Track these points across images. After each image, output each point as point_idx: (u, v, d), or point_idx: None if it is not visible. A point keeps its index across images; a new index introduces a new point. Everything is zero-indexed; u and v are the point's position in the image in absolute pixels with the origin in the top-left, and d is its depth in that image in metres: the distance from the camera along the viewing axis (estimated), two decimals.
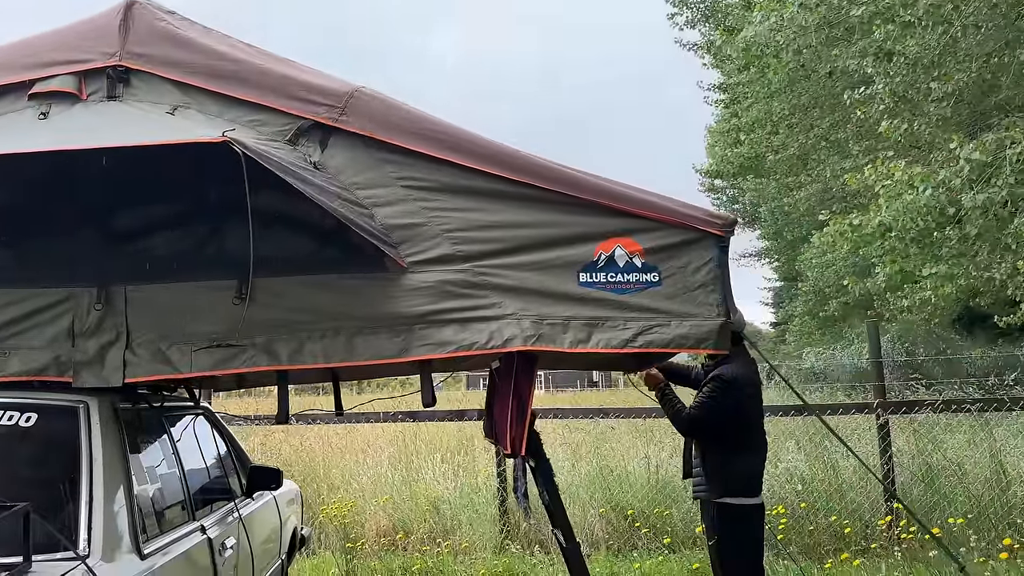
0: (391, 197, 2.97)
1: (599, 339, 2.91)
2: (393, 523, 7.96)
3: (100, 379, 2.80)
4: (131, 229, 3.20)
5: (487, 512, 7.79)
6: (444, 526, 7.84)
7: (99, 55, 2.93)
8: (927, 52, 9.34)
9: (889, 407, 7.09)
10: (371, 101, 3.01)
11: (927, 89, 9.40)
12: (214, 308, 2.83)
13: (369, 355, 2.88)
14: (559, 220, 2.99)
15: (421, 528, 7.78)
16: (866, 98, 10.17)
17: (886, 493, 6.87)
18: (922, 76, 9.68)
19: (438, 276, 2.93)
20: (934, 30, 9.09)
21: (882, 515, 6.89)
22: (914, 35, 9.15)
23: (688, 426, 4.12)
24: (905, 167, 9.04)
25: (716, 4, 16.96)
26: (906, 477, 7.25)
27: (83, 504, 2.49)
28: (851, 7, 8.63)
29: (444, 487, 8.49)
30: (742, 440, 4.08)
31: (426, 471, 8.99)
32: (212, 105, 2.93)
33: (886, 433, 7.02)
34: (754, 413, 4.19)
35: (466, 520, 7.75)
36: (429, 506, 8.02)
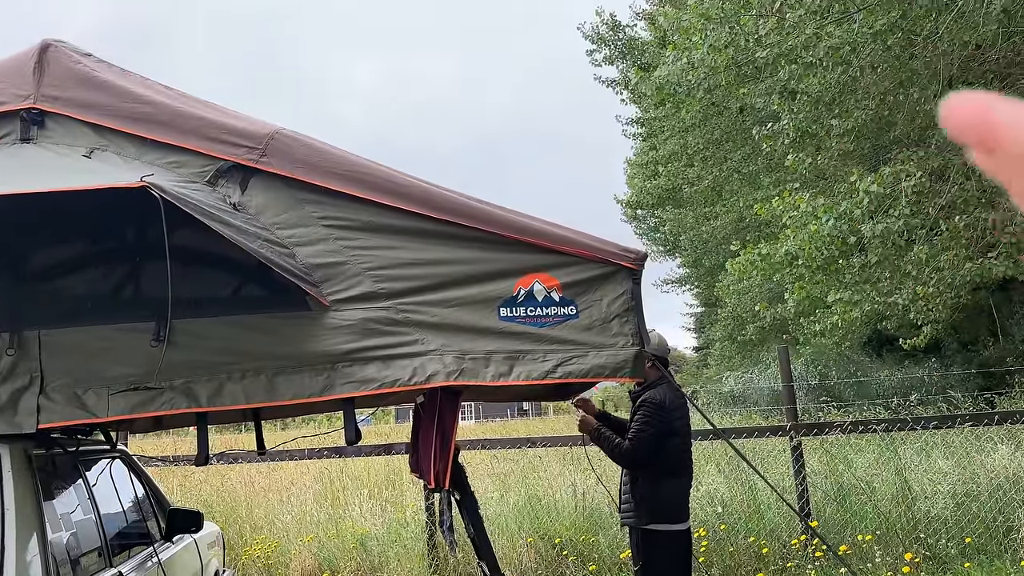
0: (312, 236, 3.01)
1: (520, 371, 3.00)
2: (319, 562, 7.82)
3: (12, 425, 2.73)
4: (46, 272, 3.14)
5: (415, 548, 7.74)
6: (372, 563, 7.75)
7: (12, 97, 2.90)
8: (828, 90, 9.90)
9: (801, 429, 7.38)
10: (291, 142, 3.06)
11: (829, 125, 9.95)
12: (131, 351, 2.80)
13: (291, 394, 2.89)
14: (479, 257, 3.08)
15: (348, 567, 7.68)
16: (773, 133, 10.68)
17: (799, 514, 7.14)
18: (824, 113, 10.24)
19: (360, 314, 2.97)
20: (834, 70, 9.65)
21: (798, 534, 7.15)
22: (816, 74, 9.69)
23: (631, 458, 4.15)
24: (810, 199, 9.54)
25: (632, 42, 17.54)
26: (819, 496, 7.55)
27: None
28: (757, 48, 9.09)
29: (371, 523, 8.40)
30: (671, 466, 4.17)
31: (353, 507, 8.89)
32: (130, 147, 2.93)
33: (799, 454, 7.30)
34: (683, 438, 4.31)
35: (394, 556, 7.68)
36: (356, 543, 7.91)
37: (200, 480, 9.65)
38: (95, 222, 3.03)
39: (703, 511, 7.64)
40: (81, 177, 2.58)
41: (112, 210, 2.87)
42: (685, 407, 4.37)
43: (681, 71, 9.57)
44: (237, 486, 9.78)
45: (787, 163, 9.99)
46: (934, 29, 8.58)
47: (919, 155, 9.61)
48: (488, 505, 8.55)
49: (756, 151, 15.99)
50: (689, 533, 4.39)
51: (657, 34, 17.03)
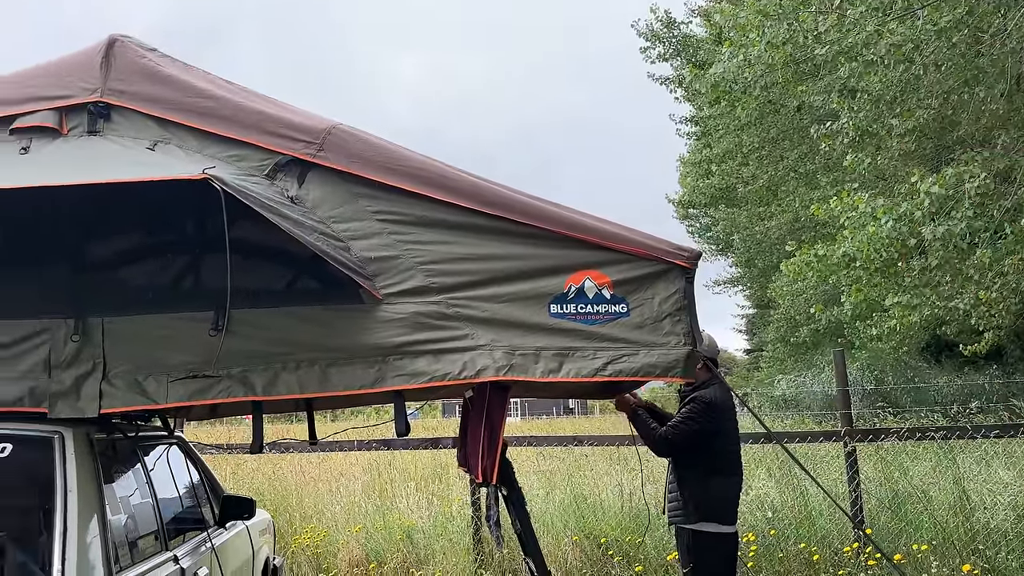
0: (366, 230, 3.04)
1: (570, 368, 2.99)
2: (366, 553, 7.92)
3: (75, 410, 2.82)
4: (110, 262, 3.24)
5: (461, 541, 7.78)
6: (417, 556, 7.81)
7: (80, 91, 2.99)
8: (889, 89, 9.66)
9: (856, 435, 7.20)
10: (347, 137, 3.10)
11: (890, 124, 9.70)
12: (191, 339, 2.87)
13: (343, 386, 2.93)
14: (530, 253, 3.08)
15: (394, 558, 7.75)
16: (831, 132, 10.46)
17: (852, 521, 6.98)
18: (885, 112, 9.99)
19: (412, 308, 3.00)
20: (896, 68, 9.41)
21: (850, 542, 7.00)
22: (877, 72, 9.46)
23: (664, 446, 4.16)
24: (869, 199, 9.31)
25: (687, 39, 17.34)
26: (873, 504, 7.37)
27: (57, 534, 2.50)
28: (816, 46, 8.91)
29: (418, 516, 8.48)
30: (719, 465, 4.15)
31: (400, 500, 8.98)
32: (192, 140, 2.99)
33: (853, 461, 7.14)
34: (732, 438, 4.27)
35: (440, 549, 7.73)
36: (402, 535, 7.99)
37: (252, 468, 9.85)
38: (158, 214, 3.11)
39: (752, 516, 7.52)
40: (145, 169, 2.66)
41: (174, 202, 2.95)
42: (734, 409, 4.34)
43: (737, 68, 9.42)
44: (288, 475, 9.96)
45: (845, 163, 9.77)
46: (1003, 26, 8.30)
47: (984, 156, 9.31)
48: (533, 503, 8.54)
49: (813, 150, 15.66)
50: (737, 536, 4.33)
51: (713, 31, 16.83)
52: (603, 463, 9.82)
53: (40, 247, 3.03)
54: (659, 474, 8.66)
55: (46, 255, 3.03)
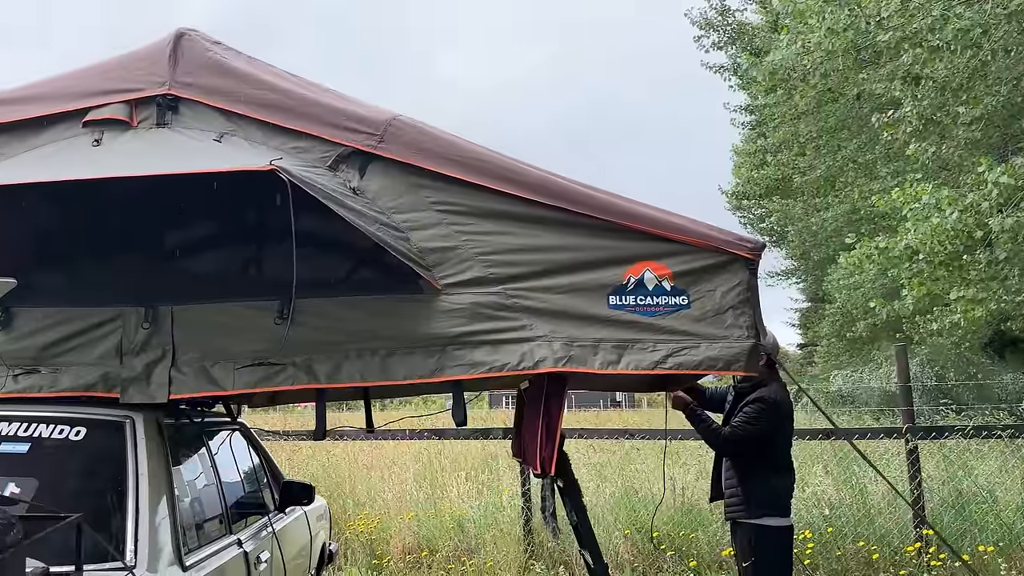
0: (426, 221, 3.06)
1: (629, 361, 2.97)
2: (418, 540, 8.01)
3: (146, 395, 2.90)
4: (179, 251, 3.32)
5: (511, 531, 7.82)
6: (468, 544, 7.86)
7: (149, 84, 3.06)
8: (955, 76, 9.34)
9: (919, 432, 7.03)
10: (408, 128, 3.11)
11: (956, 112, 9.39)
12: (256, 328, 2.93)
13: (403, 375, 2.96)
14: (589, 244, 3.06)
15: (446, 546, 7.82)
16: (894, 121, 10.17)
17: (916, 519, 6.82)
18: (950, 99, 9.67)
19: (471, 298, 3.01)
20: (963, 54, 9.09)
21: (911, 541, 6.84)
22: (942, 59, 9.15)
23: (726, 446, 4.17)
24: (932, 190, 9.03)
25: (742, 27, 17.03)
26: (936, 503, 7.18)
27: (129, 516, 2.58)
28: (879, 32, 8.65)
29: (468, 505, 8.53)
30: (778, 461, 4.15)
31: (450, 489, 9.05)
32: (257, 133, 3.04)
33: (915, 458, 6.97)
34: (789, 435, 4.26)
35: (491, 539, 7.78)
36: (454, 524, 8.06)
37: (307, 455, 10.02)
38: (225, 205, 3.17)
39: (808, 513, 7.40)
40: (214, 161, 2.71)
41: (241, 193, 3.00)
42: (792, 406, 4.31)
43: (796, 56, 9.21)
44: (341, 462, 10.11)
45: (908, 152, 9.49)
46: None
47: None
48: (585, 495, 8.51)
49: (873, 140, 15.27)
50: (793, 529, 4.31)
51: (769, 18, 16.48)
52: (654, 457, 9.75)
53: (113, 237, 3.12)
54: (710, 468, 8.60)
55: (118, 245, 3.11)
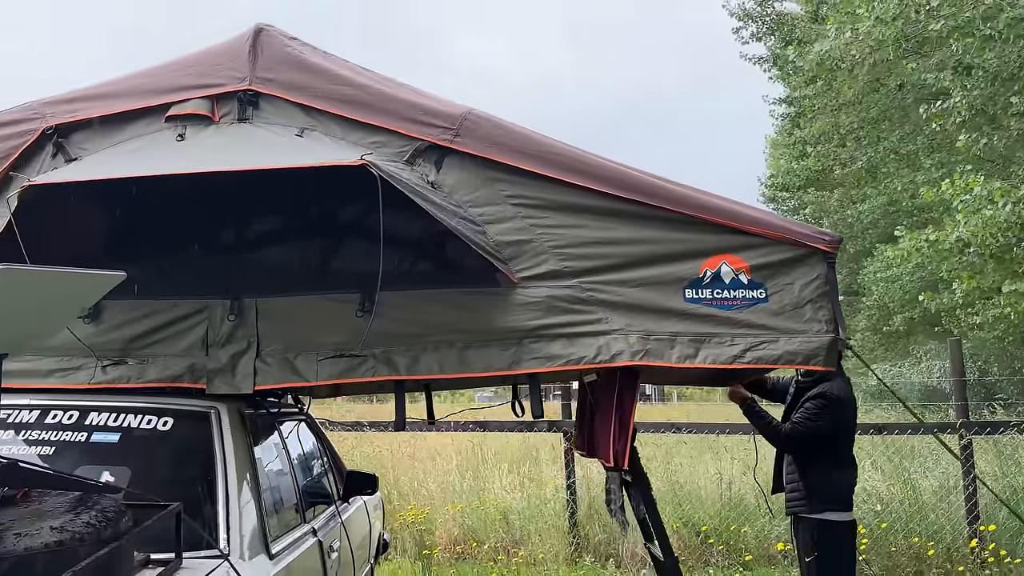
0: (501, 215, 3.07)
1: (707, 355, 2.96)
2: (464, 531, 8.06)
3: (232, 386, 2.95)
4: (262, 245, 3.37)
5: (557, 524, 7.85)
6: (514, 537, 7.91)
7: (230, 79, 3.10)
8: (1007, 66, 9.16)
9: (973, 427, 6.94)
10: (483, 122, 3.12)
11: (1007, 103, 9.21)
12: (337, 320, 2.97)
13: (481, 367, 2.99)
14: (665, 237, 3.06)
15: (491, 538, 7.86)
16: (942, 111, 10.00)
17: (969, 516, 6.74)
18: (1001, 90, 9.48)
19: (547, 291, 3.02)
20: (1015, 43, 8.91)
21: (964, 538, 6.76)
22: (993, 48, 8.98)
23: (786, 442, 4.15)
24: (985, 181, 8.87)
25: (781, 18, 16.82)
26: (988, 499, 7.08)
27: (220, 504, 2.63)
28: (930, 21, 8.51)
29: (512, 497, 8.58)
30: (841, 456, 4.11)
31: (493, 481, 9.10)
32: (336, 128, 3.07)
33: (969, 454, 6.88)
34: (852, 431, 4.23)
35: (535, 531, 7.82)
36: (499, 516, 8.10)
37: (351, 446, 10.11)
38: (307, 198, 3.21)
39: (858, 509, 7.33)
40: (301, 156, 2.75)
41: (323, 187, 3.03)
42: (855, 401, 4.28)
43: (844, 45, 9.08)
44: (384, 453, 10.20)
45: (959, 143, 9.33)
46: None
47: None
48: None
49: (916, 130, 15.01)
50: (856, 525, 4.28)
51: (809, 7, 16.25)
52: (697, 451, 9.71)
53: (198, 231, 3.17)
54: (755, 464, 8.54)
55: (204, 238, 3.17)
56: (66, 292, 1.96)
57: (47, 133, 3.03)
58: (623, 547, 7.58)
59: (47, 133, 3.03)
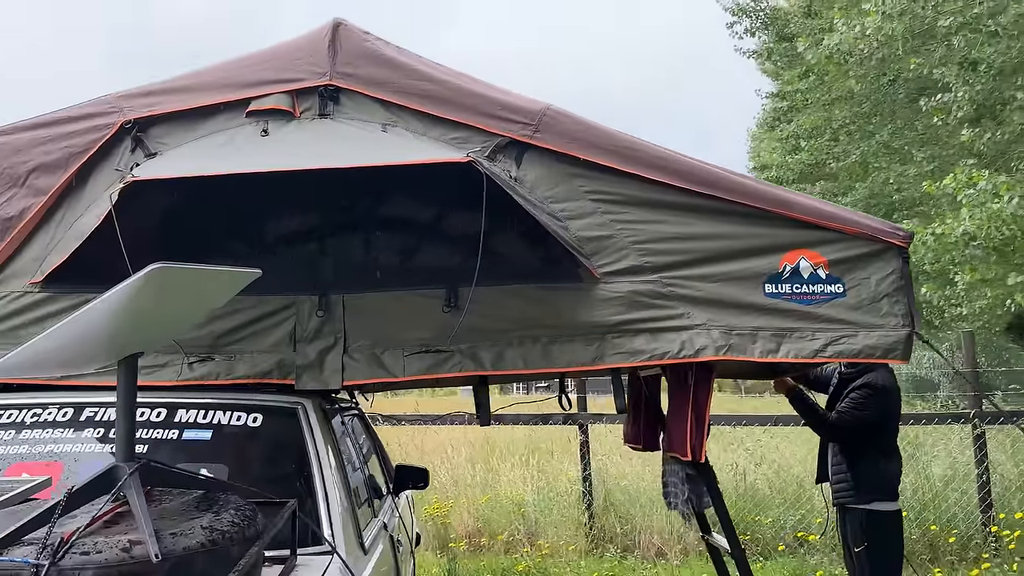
0: (581, 210, 3.08)
1: (789, 349, 3.00)
2: (480, 524, 8.09)
3: (320, 382, 2.95)
4: (349, 240, 3.36)
5: (573, 516, 7.91)
6: (529, 529, 7.95)
7: (310, 74, 3.08)
8: (1010, 61, 9.31)
9: (986, 417, 7.09)
10: (562, 118, 3.13)
11: (1010, 97, 9.36)
12: (424, 315, 2.97)
13: (565, 362, 3.00)
14: (743, 232, 3.08)
15: (508, 530, 7.90)
16: (943, 105, 10.15)
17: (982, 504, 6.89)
18: (1003, 85, 9.64)
19: (628, 287, 3.04)
20: (1019, 39, 9.06)
21: (977, 526, 6.92)
22: (999, 44, 9.12)
23: (832, 431, 4.21)
24: (990, 176, 9.02)
25: (776, 12, 16.94)
26: (1001, 488, 7.24)
27: (320, 500, 2.63)
28: (938, 17, 8.62)
29: (524, 490, 8.61)
30: (887, 445, 4.18)
31: (503, 474, 9.13)
32: (416, 123, 3.06)
33: (983, 443, 7.04)
34: (897, 420, 4.30)
35: (550, 523, 7.87)
36: (514, 508, 8.14)
37: None
38: (394, 194, 3.20)
39: None
40: (398, 152, 2.74)
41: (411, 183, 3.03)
42: (899, 391, 4.37)
43: (853, 39, 9.17)
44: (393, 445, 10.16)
45: (963, 138, 9.48)
46: None
47: None
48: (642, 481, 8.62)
49: (907, 125, 15.20)
50: (902, 514, 4.36)
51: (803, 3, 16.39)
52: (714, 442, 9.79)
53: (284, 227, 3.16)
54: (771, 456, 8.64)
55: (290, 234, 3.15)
56: (206, 289, 1.95)
57: (126, 127, 2.99)
58: (642, 539, 7.67)
59: (126, 127, 2.99)
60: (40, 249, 2.95)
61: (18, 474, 2.53)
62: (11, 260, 2.96)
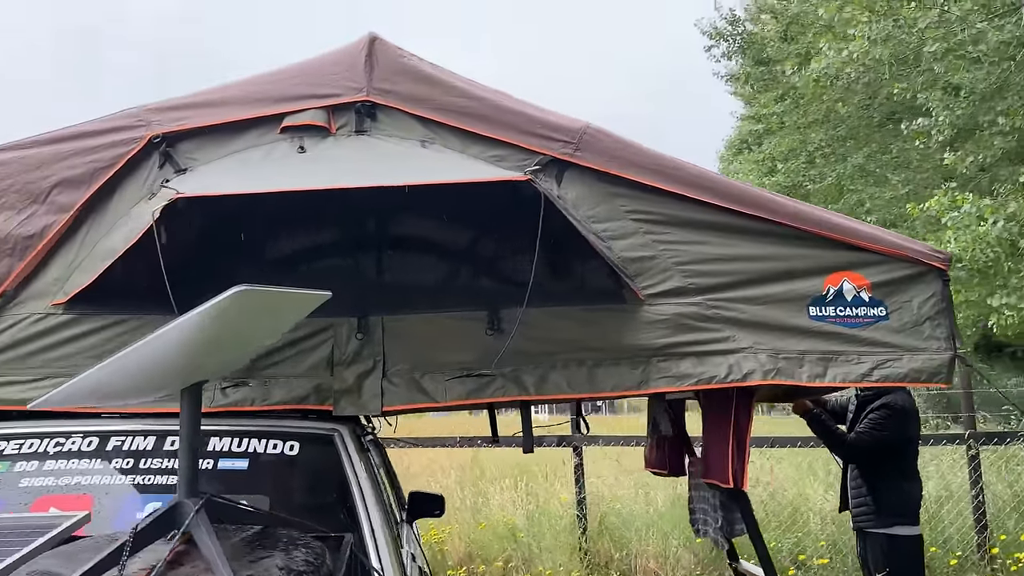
0: (623, 230, 3.02)
1: (835, 373, 2.96)
2: (472, 548, 7.94)
3: (358, 407, 2.83)
4: (386, 262, 3.25)
5: (568, 541, 7.80)
6: (523, 554, 7.82)
7: (346, 90, 2.99)
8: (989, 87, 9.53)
9: (980, 438, 7.15)
10: (602, 136, 3.08)
11: (993, 121, 9.56)
12: (466, 338, 2.88)
13: (611, 386, 2.93)
14: (786, 253, 3.05)
15: (500, 556, 7.76)
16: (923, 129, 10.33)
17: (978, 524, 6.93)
18: (980, 109, 9.84)
19: (673, 309, 2.98)
20: (999, 65, 9.27)
21: (974, 547, 6.95)
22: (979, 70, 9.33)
23: (851, 451, 4.19)
24: (974, 199, 9.18)
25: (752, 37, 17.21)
26: (995, 508, 7.29)
27: (366, 532, 2.51)
28: (927, 42, 8.79)
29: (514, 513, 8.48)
30: (908, 469, 4.16)
31: (493, 496, 8.99)
32: (455, 140, 2.98)
33: (977, 464, 7.09)
34: (916, 442, 4.28)
35: (545, 548, 7.75)
36: (507, 532, 8.00)
37: None
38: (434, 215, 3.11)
39: None
40: (443, 169, 2.66)
41: (449, 203, 2.94)
42: (918, 412, 4.35)
43: (841, 64, 9.31)
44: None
45: (946, 161, 9.65)
46: None
47: None
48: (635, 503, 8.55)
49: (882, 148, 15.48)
50: (923, 539, 4.33)
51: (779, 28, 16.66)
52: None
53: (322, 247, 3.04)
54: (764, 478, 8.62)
55: (328, 255, 3.04)
56: (280, 312, 1.85)
57: (154, 141, 2.87)
58: (638, 563, 7.58)
59: (154, 141, 2.87)
60: (62, 269, 2.81)
61: (46, 508, 2.38)
62: (31, 280, 2.81)
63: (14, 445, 2.62)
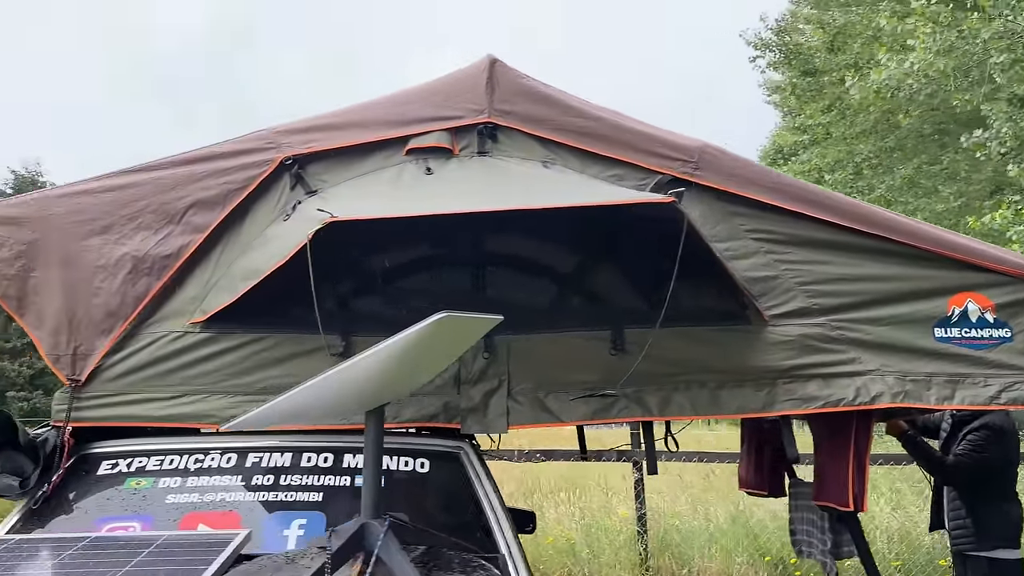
0: (744, 249, 3.00)
1: (963, 396, 2.91)
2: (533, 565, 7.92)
3: (484, 425, 2.85)
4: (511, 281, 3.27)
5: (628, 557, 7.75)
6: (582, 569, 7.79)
7: (468, 112, 3.02)
8: None
9: None
10: (720, 155, 3.07)
11: None
12: (589, 358, 2.88)
13: (735, 408, 2.91)
14: (910, 274, 3.01)
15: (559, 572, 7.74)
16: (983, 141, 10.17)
17: None
18: None
19: (797, 330, 2.95)
20: None
21: None
22: None
23: (952, 474, 4.10)
24: None
25: (798, 47, 17.09)
26: None
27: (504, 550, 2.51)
28: (987, 55, 8.68)
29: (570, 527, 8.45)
30: (1008, 491, 4.08)
31: (549, 511, 8.97)
32: (574, 161, 2.99)
33: None
34: (1016, 463, 4.20)
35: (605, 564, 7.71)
36: (567, 548, 7.97)
37: None
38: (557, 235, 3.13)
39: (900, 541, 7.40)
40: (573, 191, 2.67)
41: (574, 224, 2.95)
42: (1018, 433, 4.26)
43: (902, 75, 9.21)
44: None
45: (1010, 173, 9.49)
46: None
47: None
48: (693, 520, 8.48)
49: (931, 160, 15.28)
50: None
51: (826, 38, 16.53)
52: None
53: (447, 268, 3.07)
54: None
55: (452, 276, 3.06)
56: (467, 335, 1.87)
57: (285, 163, 2.92)
58: None
59: (285, 163, 2.92)
60: (198, 288, 2.86)
61: (194, 525, 2.42)
62: (167, 299, 2.86)
63: (155, 461, 2.67)
